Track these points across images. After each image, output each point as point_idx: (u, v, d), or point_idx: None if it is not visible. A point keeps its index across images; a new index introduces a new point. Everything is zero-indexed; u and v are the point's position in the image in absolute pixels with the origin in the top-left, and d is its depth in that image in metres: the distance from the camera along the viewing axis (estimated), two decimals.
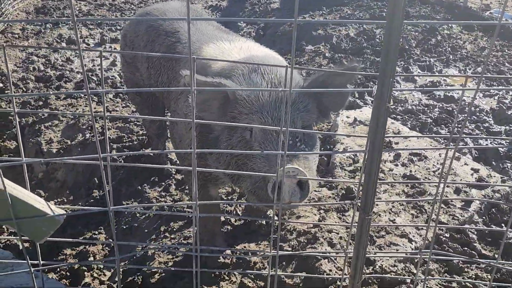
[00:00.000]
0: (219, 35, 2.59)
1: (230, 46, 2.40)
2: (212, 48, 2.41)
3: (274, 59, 2.26)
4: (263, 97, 1.87)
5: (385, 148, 3.26)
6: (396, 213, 2.69)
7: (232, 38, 2.54)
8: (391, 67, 1.23)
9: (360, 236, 1.51)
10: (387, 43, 1.20)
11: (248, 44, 2.46)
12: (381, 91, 1.27)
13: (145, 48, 2.84)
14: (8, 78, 1.29)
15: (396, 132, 3.49)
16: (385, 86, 1.25)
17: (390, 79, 1.25)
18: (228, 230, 2.67)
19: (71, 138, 3.75)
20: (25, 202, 1.35)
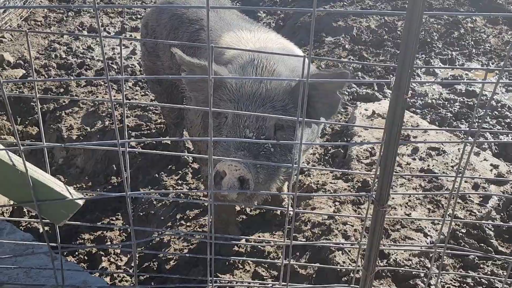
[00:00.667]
0: (241, 24, 2.59)
1: (248, 36, 2.41)
2: (231, 36, 2.42)
3: (289, 52, 2.25)
4: (244, 89, 1.88)
5: (402, 141, 3.23)
6: (412, 207, 2.67)
7: (253, 28, 2.54)
8: (409, 58, 1.22)
9: (374, 229, 1.51)
10: (407, 34, 1.19)
11: (267, 35, 2.46)
12: (399, 82, 1.26)
13: (168, 36, 2.86)
14: (31, 64, 1.32)
15: (414, 126, 3.45)
16: (403, 77, 1.24)
17: (409, 70, 1.24)
18: (243, 219, 2.69)
19: (91, 125, 3.81)
20: (46, 185, 1.39)
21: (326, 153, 3.30)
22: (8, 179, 1.35)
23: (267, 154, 1.81)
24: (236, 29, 2.50)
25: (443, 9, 6.38)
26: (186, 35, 2.74)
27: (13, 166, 1.33)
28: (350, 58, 5.04)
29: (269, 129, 1.86)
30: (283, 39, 2.54)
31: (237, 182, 1.68)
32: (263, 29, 2.66)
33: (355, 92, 4.24)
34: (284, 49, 2.29)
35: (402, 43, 1.21)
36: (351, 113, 3.78)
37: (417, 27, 1.17)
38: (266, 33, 2.54)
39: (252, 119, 1.83)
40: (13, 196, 1.40)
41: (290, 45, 2.47)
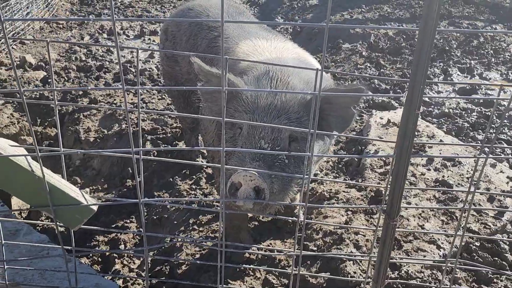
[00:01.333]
0: (258, 33, 2.61)
1: (265, 45, 2.43)
2: (247, 45, 2.44)
3: (303, 63, 2.25)
4: (260, 100, 1.89)
5: (414, 153, 3.21)
6: (426, 219, 2.65)
7: (270, 37, 2.56)
8: (421, 74, 1.22)
9: (385, 241, 1.51)
10: (419, 50, 1.19)
11: (284, 44, 2.47)
12: (411, 97, 1.27)
13: (188, 42, 2.90)
14: (51, 72, 1.35)
15: (430, 136, 3.43)
16: (415, 92, 1.24)
17: (421, 86, 1.25)
18: (255, 225, 2.71)
19: (108, 128, 3.87)
20: (62, 191, 1.42)
21: (340, 161, 3.29)
22: (26, 184, 1.38)
23: (281, 165, 1.83)
24: (253, 37, 2.52)
25: (462, 17, 6.32)
26: (205, 42, 2.78)
27: (31, 171, 1.37)
28: (367, 65, 5.02)
29: (283, 140, 1.87)
30: (299, 48, 2.55)
31: (252, 192, 1.68)
32: (280, 37, 2.68)
33: (371, 100, 4.23)
34: (299, 59, 2.30)
35: (414, 59, 1.22)
36: (366, 121, 3.76)
37: (429, 44, 1.17)
38: (283, 42, 2.55)
39: (268, 130, 1.85)
40: (30, 201, 1.44)
41: (306, 55, 2.48)
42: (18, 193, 1.42)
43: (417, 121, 1.29)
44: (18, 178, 1.37)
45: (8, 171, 1.36)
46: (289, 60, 2.17)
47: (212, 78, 1.90)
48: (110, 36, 5.97)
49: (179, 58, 3.05)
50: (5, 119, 3.98)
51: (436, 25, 1.14)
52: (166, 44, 3.14)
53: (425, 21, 1.13)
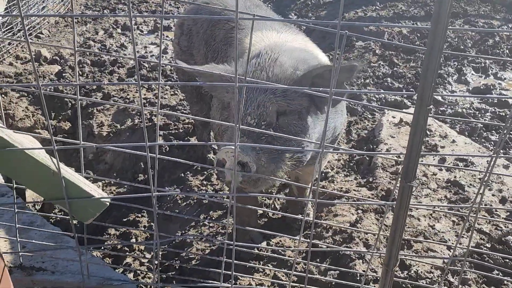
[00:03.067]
0: (273, 25, 2.62)
1: (274, 36, 2.44)
2: (257, 35, 2.47)
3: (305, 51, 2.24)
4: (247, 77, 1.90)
5: (426, 152, 3.20)
6: (437, 219, 2.64)
7: (282, 29, 2.57)
8: (432, 72, 1.22)
9: (394, 238, 1.51)
10: (430, 48, 1.19)
11: (294, 37, 2.48)
12: (422, 93, 1.26)
13: (205, 33, 2.93)
14: (75, 71, 1.38)
15: (443, 136, 3.40)
16: (426, 90, 1.24)
17: (432, 82, 1.25)
18: (264, 222, 2.72)
19: (121, 123, 3.91)
20: (76, 185, 1.45)
21: (351, 160, 3.29)
22: (41, 178, 1.41)
23: (268, 139, 1.84)
24: (264, 29, 2.53)
25: (478, 16, 6.25)
26: (222, 32, 2.80)
27: (46, 165, 1.40)
28: (380, 63, 4.99)
29: (270, 115, 1.88)
30: (310, 42, 2.55)
31: (238, 166, 1.69)
32: (293, 30, 2.67)
33: (384, 99, 4.21)
34: (304, 49, 2.29)
35: (425, 57, 1.22)
36: (378, 120, 3.75)
37: (440, 43, 1.17)
38: (294, 34, 2.55)
39: (254, 106, 1.87)
40: (45, 194, 1.47)
41: (313, 47, 2.47)
42: (34, 186, 1.45)
43: (428, 117, 1.29)
44: (34, 172, 1.39)
45: (24, 165, 1.39)
46: (289, 47, 2.16)
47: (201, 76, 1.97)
48: (124, 31, 6.01)
49: (194, 51, 3.07)
50: (20, 112, 4.03)
51: (447, 22, 1.14)
52: (182, 38, 3.15)
53: (437, 17, 1.13)
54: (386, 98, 4.21)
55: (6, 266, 1.69)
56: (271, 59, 1.98)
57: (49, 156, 1.44)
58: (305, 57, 2.08)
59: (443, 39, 1.20)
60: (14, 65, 4.71)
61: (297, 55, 2.05)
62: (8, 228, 2.18)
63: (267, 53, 2.01)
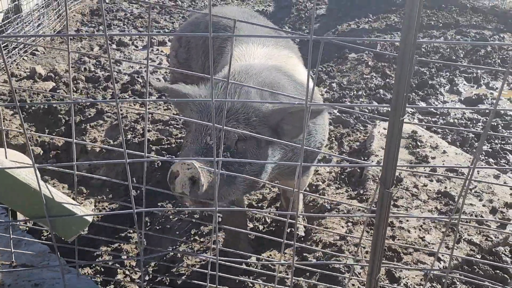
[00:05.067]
0: (263, 39, 2.64)
1: (256, 50, 2.46)
2: (240, 49, 2.50)
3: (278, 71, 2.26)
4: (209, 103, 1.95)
5: (399, 166, 3.20)
6: (427, 230, 2.64)
7: (269, 43, 2.59)
8: (404, 82, 1.24)
9: (375, 246, 1.52)
10: (401, 58, 1.21)
11: (278, 52, 2.50)
12: (395, 104, 1.28)
13: (204, 44, 2.98)
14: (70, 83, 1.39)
15: (433, 146, 3.42)
16: (399, 100, 1.26)
17: (404, 93, 1.26)
18: (255, 237, 2.72)
19: (114, 138, 3.92)
20: (58, 202, 1.45)
21: (343, 172, 3.29)
22: (22, 197, 1.42)
23: (223, 163, 1.85)
24: (251, 41, 2.56)
25: (470, 26, 6.30)
26: (218, 41, 2.85)
27: (27, 184, 1.41)
28: (373, 75, 5.02)
29: (230, 140, 1.90)
30: (293, 58, 2.56)
31: (188, 181, 1.70)
32: (282, 45, 2.69)
33: (375, 110, 4.23)
34: (280, 69, 2.30)
35: (397, 68, 1.24)
36: (370, 131, 3.77)
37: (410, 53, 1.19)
38: (278, 50, 2.57)
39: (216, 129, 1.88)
40: (27, 213, 1.47)
41: (291, 64, 2.47)
42: (15, 205, 1.46)
43: (402, 128, 1.30)
44: (15, 191, 1.40)
45: (6, 183, 1.39)
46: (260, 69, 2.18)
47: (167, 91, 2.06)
48: (120, 47, 6.05)
49: (192, 63, 3.11)
50: (14, 130, 4.05)
51: (416, 34, 1.17)
52: (180, 51, 3.20)
53: (407, 29, 1.15)
54: (378, 109, 4.24)
55: None
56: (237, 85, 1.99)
57: (31, 174, 1.45)
58: (273, 81, 2.10)
59: (413, 49, 1.22)
60: (9, 83, 4.74)
61: (264, 79, 2.07)
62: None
63: (234, 77, 2.03)
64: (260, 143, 1.96)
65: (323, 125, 2.40)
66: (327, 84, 4.90)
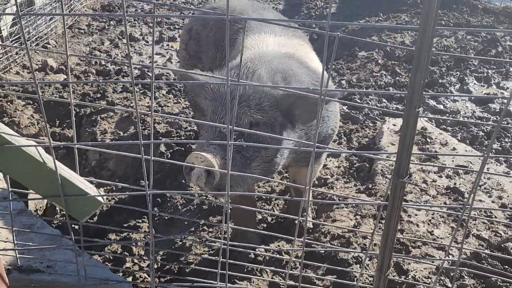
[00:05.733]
0: (275, 28, 2.66)
1: (269, 39, 2.48)
2: (253, 38, 2.54)
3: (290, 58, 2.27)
4: (222, 90, 1.97)
5: (417, 152, 3.20)
6: (436, 225, 2.64)
7: (281, 33, 2.60)
8: (421, 73, 1.24)
9: (387, 239, 1.52)
10: (419, 50, 1.21)
11: (288, 41, 2.52)
12: (412, 96, 1.28)
13: (215, 36, 3.02)
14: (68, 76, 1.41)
15: (443, 143, 3.41)
16: (415, 91, 1.26)
17: (420, 84, 1.27)
18: (263, 227, 2.73)
19: (124, 130, 3.95)
20: (72, 183, 1.47)
21: (351, 167, 3.30)
22: (38, 175, 1.44)
23: (238, 148, 1.88)
24: (263, 31, 2.58)
25: (481, 26, 6.27)
26: (230, 32, 2.85)
27: (43, 163, 1.43)
28: (383, 73, 5.02)
29: (243, 126, 1.93)
30: (304, 46, 2.57)
31: (204, 172, 1.74)
32: (293, 33, 2.70)
33: (385, 107, 4.22)
34: (292, 56, 2.32)
35: (415, 60, 1.24)
36: (379, 128, 3.77)
37: (428, 44, 1.19)
38: (291, 38, 2.58)
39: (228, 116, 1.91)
40: (42, 191, 1.49)
41: (303, 52, 2.49)
42: (31, 184, 1.48)
43: (418, 119, 1.31)
44: (31, 170, 1.42)
45: (22, 162, 1.42)
46: (272, 56, 2.20)
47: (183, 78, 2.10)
48: (130, 42, 6.09)
49: (202, 55, 3.12)
50: (25, 120, 4.09)
51: (435, 23, 1.17)
52: (190, 43, 3.22)
53: (425, 17, 1.15)
54: (387, 106, 4.23)
55: (4, 266, 1.71)
56: (249, 72, 2.02)
57: (46, 155, 1.47)
58: (286, 68, 2.12)
59: (431, 39, 1.22)
60: (20, 74, 4.79)
61: (275, 67, 2.09)
62: (8, 230, 2.21)
63: (247, 65, 2.05)
64: (274, 128, 1.98)
65: (335, 111, 2.43)
66: (336, 81, 4.90)
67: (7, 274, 1.81)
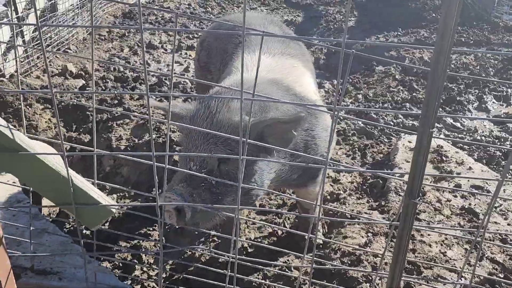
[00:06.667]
0: (273, 46, 2.65)
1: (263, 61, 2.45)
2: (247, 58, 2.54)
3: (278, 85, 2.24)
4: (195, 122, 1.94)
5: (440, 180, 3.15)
6: (449, 246, 2.59)
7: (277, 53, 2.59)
8: (436, 92, 1.23)
9: (397, 258, 1.50)
10: (434, 67, 1.20)
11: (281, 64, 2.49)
12: (426, 113, 1.27)
13: (222, 48, 3.05)
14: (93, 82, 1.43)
15: (459, 162, 3.36)
16: (429, 113, 1.25)
17: (435, 103, 1.25)
18: (273, 241, 2.71)
19: (139, 137, 3.98)
20: (84, 191, 1.48)
21: (365, 183, 3.27)
22: (51, 183, 1.45)
23: (207, 186, 1.86)
24: (258, 51, 2.58)
25: (501, 45, 6.21)
26: (232, 46, 2.93)
27: (56, 171, 1.44)
28: (399, 88, 4.99)
29: (211, 163, 1.89)
30: (297, 68, 2.53)
31: (174, 211, 1.78)
32: (290, 53, 2.69)
33: (401, 124, 4.19)
34: (278, 81, 2.28)
35: (430, 77, 1.23)
36: (394, 144, 3.73)
37: (444, 62, 1.18)
38: (284, 59, 2.57)
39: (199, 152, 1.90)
40: (54, 199, 1.50)
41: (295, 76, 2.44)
42: (43, 191, 1.49)
43: (431, 138, 1.29)
44: (44, 177, 1.44)
45: (35, 169, 1.43)
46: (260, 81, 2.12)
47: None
48: (149, 49, 6.16)
49: (211, 67, 3.16)
50: (43, 124, 4.15)
51: (452, 40, 1.16)
52: (202, 54, 3.27)
53: (442, 34, 1.14)
54: (403, 123, 4.20)
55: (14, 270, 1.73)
56: (223, 103, 1.96)
57: (60, 163, 1.48)
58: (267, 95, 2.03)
59: (448, 57, 1.21)
60: (41, 78, 4.87)
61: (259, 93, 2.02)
62: (20, 234, 2.24)
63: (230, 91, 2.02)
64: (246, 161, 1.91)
65: (323, 138, 2.33)
66: (352, 95, 4.88)
67: (17, 278, 1.83)
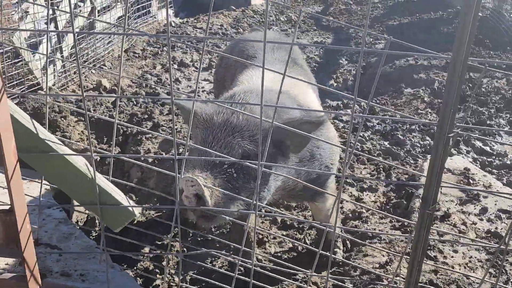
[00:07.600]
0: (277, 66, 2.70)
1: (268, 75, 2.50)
2: (249, 73, 2.65)
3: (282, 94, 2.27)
4: (216, 118, 1.99)
5: (467, 201, 3.10)
6: (472, 269, 2.54)
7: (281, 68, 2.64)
8: (452, 98, 1.24)
9: (411, 271, 1.50)
10: (451, 75, 1.22)
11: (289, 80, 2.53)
12: (442, 123, 1.28)
13: (236, 63, 3.13)
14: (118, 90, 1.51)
15: (486, 186, 3.30)
16: (445, 117, 1.26)
17: (451, 109, 1.26)
18: (293, 256, 2.72)
19: (166, 151, 4.08)
20: (108, 193, 1.55)
21: (388, 202, 3.24)
22: (77, 184, 1.53)
23: (228, 177, 1.87)
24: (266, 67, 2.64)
25: None
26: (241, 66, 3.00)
27: (83, 172, 1.52)
28: (428, 111, 4.95)
29: (235, 156, 1.91)
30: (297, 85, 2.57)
31: (193, 197, 1.74)
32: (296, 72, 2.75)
33: (428, 145, 4.15)
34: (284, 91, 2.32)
35: (447, 83, 1.25)
36: (420, 165, 3.70)
37: (459, 76, 1.20)
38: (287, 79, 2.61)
39: (221, 145, 1.91)
40: (80, 199, 1.58)
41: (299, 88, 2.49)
42: (71, 191, 1.57)
43: (448, 145, 1.30)
44: (72, 178, 1.51)
45: (64, 170, 1.51)
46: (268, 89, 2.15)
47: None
48: (180, 67, 6.33)
49: (226, 84, 3.25)
50: (76, 135, 4.31)
51: (468, 49, 1.18)
52: (219, 70, 3.46)
53: (459, 44, 1.17)
54: (430, 144, 4.15)
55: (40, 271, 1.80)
56: (241, 104, 2.04)
57: (87, 165, 1.56)
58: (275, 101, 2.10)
59: (465, 66, 1.23)
60: (76, 92, 5.07)
61: (269, 98, 2.08)
62: (48, 237, 2.32)
63: (239, 95, 2.09)
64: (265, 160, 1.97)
65: (327, 148, 2.37)
66: (380, 116, 4.87)
67: (42, 278, 1.90)
